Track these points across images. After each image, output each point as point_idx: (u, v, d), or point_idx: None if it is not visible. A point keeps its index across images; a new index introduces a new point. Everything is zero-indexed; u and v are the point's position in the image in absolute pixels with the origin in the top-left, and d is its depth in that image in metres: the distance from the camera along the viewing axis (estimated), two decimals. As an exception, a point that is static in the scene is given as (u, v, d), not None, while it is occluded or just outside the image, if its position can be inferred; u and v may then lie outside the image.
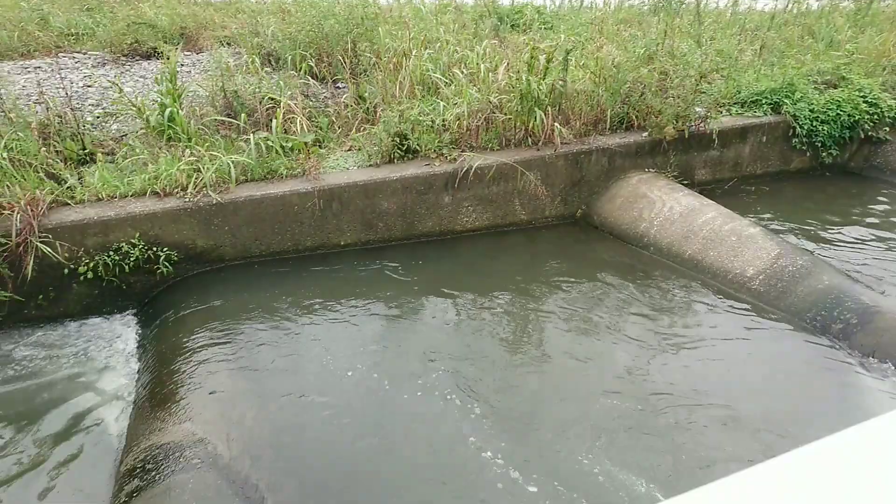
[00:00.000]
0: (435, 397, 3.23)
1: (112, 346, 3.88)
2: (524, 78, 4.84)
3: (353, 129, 5.28)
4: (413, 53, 5.54)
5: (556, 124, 4.93)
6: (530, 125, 4.98)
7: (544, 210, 5.15)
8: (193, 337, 3.68)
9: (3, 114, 4.60)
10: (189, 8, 7.69)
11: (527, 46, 5.10)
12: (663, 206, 4.84)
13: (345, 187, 4.55)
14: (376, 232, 4.75)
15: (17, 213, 3.79)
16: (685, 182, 5.40)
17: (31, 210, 3.84)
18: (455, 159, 4.82)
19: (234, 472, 2.73)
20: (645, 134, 5.35)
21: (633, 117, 5.43)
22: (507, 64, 5.22)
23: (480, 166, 4.76)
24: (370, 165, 4.83)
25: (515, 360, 3.51)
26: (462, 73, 5.32)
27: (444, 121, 4.96)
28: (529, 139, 5.05)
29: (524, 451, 2.89)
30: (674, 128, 5.28)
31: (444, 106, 5.03)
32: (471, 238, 4.93)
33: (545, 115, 4.93)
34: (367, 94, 5.50)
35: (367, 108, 5.45)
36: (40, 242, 3.80)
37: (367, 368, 3.45)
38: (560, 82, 4.95)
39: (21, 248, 3.81)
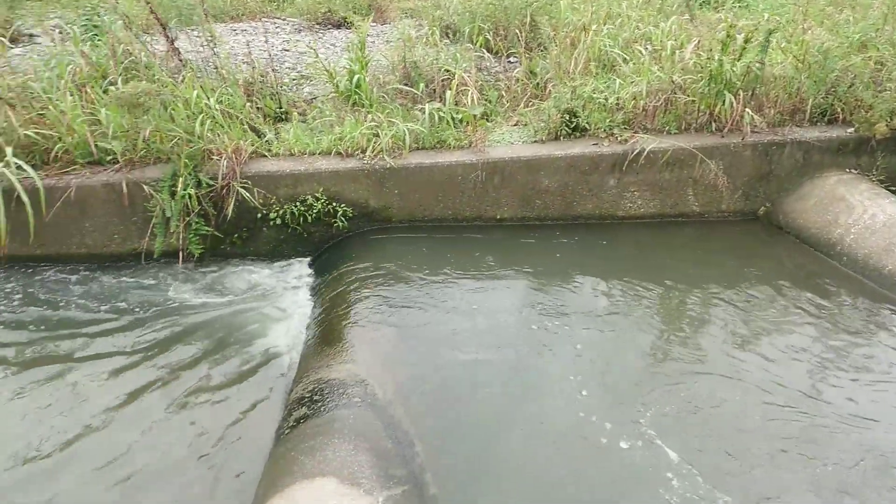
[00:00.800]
0: (573, 381, 3.19)
1: (290, 287, 4.31)
2: (716, 58, 4.49)
3: (522, 104, 5.27)
4: (593, 28, 5.36)
5: (746, 110, 4.53)
6: (717, 109, 4.62)
7: (720, 203, 4.79)
8: (360, 286, 3.96)
9: (216, 70, 5.21)
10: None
11: (722, 24, 4.72)
12: (864, 213, 4.28)
13: (508, 161, 4.58)
14: (533, 209, 4.74)
15: (225, 159, 4.30)
16: (893, 189, 4.71)
17: (236, 158, 4.34)
18: (626, 140, 4.63)
19: (388, 415, 2.92)
20: (850, 130, 4.73)
21: (839, 110, 4.82)
22: (698, 42, 4.86)
23: (654, 150, 4.52)
24: (535, 141, 4.80)
25: (666, 361, 3.35)
26: (644, 50, 5.06)
27: (618, 99, 4.78)
28: (713, 124, 4.70)
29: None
30: (887, 125, 4.61)
31: (619, 84, 4.84)
32: (633, 225, 4.74)
33: (735, 98, 4.54)
34: (538, 69, 5.45)
35: (538, 84, 5.40)
36: (241, 187, 4.29)
37: (510, 336, 3.49)
38: (757, 64, 4.52)
39: (224, 190, 4.33)
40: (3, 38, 5.46)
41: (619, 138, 4.66)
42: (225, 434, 3.07)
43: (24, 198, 4.07)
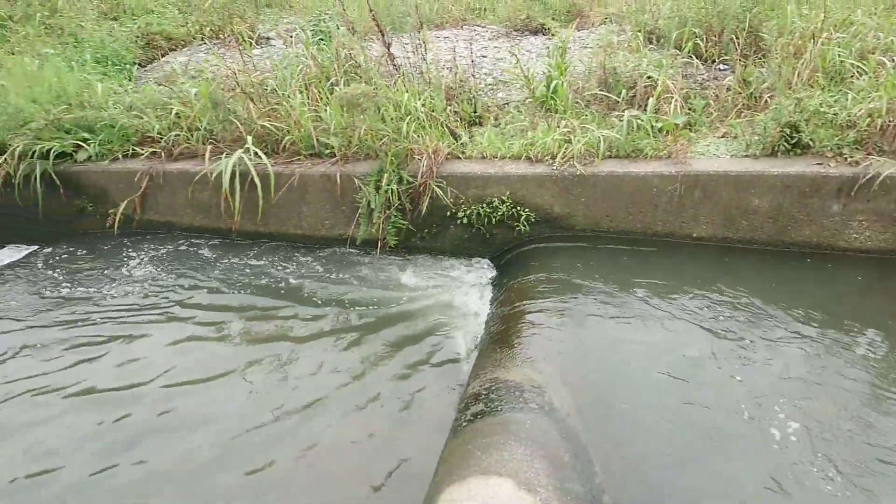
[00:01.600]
0: (770, 432, 2.87)
1: (471, 284, 4.46)
2: None
3: (732, 115, 4.88)
4: (822, 36, 4.79)
5: None
6: (983, 133, 3.88)
7: (975, 243, 4.02)
8: (538, 292, 3.97)
9: (421, 75, 5.54)
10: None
11: None
12: None
13: (712, 176, 4.26)
14: (737, 230, 4.36)
15: (425, 158, 4.56)
16: None
17: (434, 158, 4.58)
18: (857, 162, 4.07)
19: (565, 426, 2.90)
20: None
21: None
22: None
23: (892, 175, 3.92)
24: (746, 156, 4.41)
25: (881, 431, 2.88)
26: (889, 62, 4.40)
27: (850, 115, 4.21)
28: (976, 150, 3.95)
29: None
30: None
31: (852, 98, 4.27)
32: (856, 260, 4.16)
33: None
34: (753, 78, 5.00)
35: (752, 94, 4.95)
36: (436, 186, 4.53)
37: (700, 368, 3.25)
38: None
39: (421, 188, 4.60)
40: (250, 40, 6.33)
41: (849, 159, 4.11)
42: (405, 415, 3.27)
43: (257, 181, 4.70)
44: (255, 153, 4.77)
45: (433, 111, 5.04)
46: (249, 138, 4.83)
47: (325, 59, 5.56)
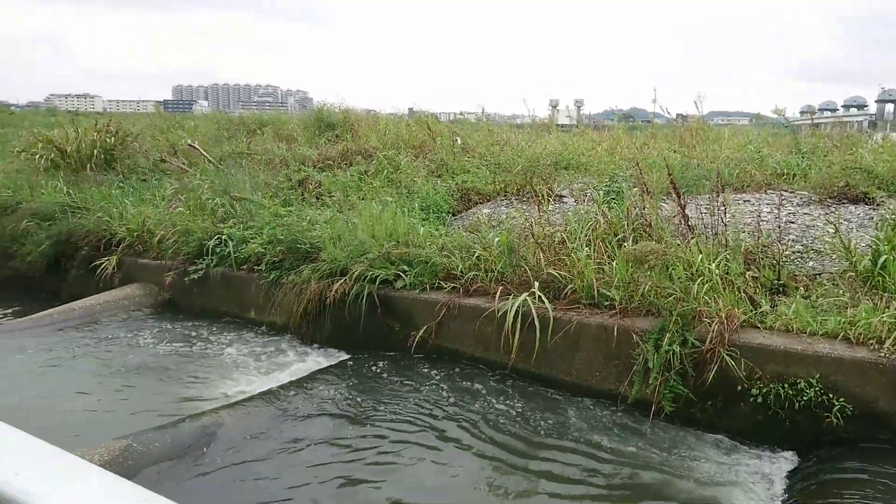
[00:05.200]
0: None
1: (755, 478, 3.82)
2: None
3: None
4: None
5: None
6: None
7: None
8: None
9: (716, 236, 5.33)
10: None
11: None
12: None
13: None
14: None
15: (716, 323, 4.27)
16: None
17: (726, 323, 4.25)
18: None
19: None
20: None
21: None
22: None
23: None
24: None
25: None
26: None
27: None
28: None
29: None
30: None
31: None
32: None
33: None
34: None
35: None
36: (727, 355, 4.16)
37: None
38: None
39: (709, 354, 4.26)
40: (549, 198, 6.97)
41: None
42: None
43: (536, 323, 4.93)
44: (539, 297, 5.05)
45: (728, 274, 4.77)
46: (536, 283, 5.17)
47: (614, 216, 5.79)
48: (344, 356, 5.98)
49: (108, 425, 4.62)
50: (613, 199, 6.63)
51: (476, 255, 5.73)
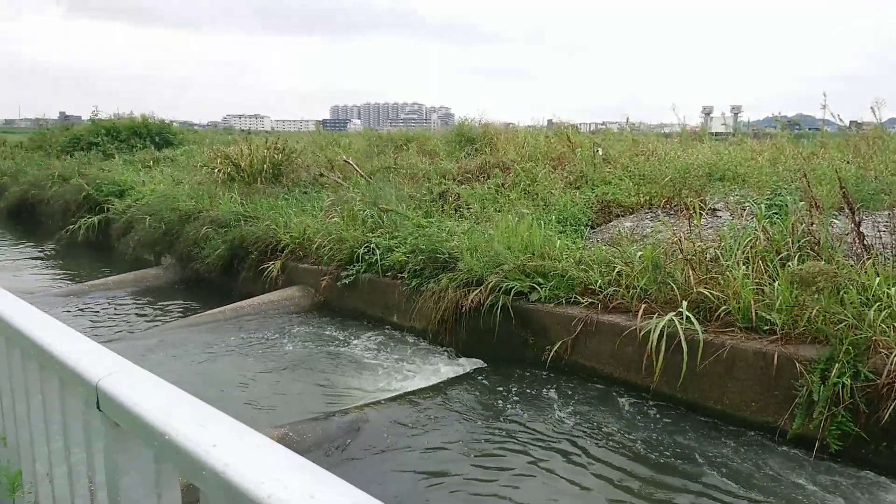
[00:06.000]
0: None
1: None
2: None
3: None
4: None
5: None
6: None
7: None
8: None
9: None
10: None
11: None
12: None
13: None
14: None
15: (895, 355, 3.75)
16: None
17: (912, 358, 3.72)
18: None
19: None
20: None
21: None
22: None
23: None
24: None
25: None
26: None
27: None
28: None
29: None
30: None
31: None
32: None
33: None
34: None
35: None
36: (911, 392, 3.63)
37: None
38: None
39: (885, 389, 3.75)
40: (700, 210, 6.56)
41: None
42: None
43: (684, 346, 4.65)
44: (687, 318, 4.77)
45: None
46: (684, 303, 4.89)
47: (777, 233, 5.30)
48: (479, 364, 6.07)
49: (266, 414, 5.13)
50: (776, 213, 6.08)
51: (616, 269, 5.55)
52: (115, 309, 8.43)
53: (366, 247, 7.57)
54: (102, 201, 12.21)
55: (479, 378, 5.72)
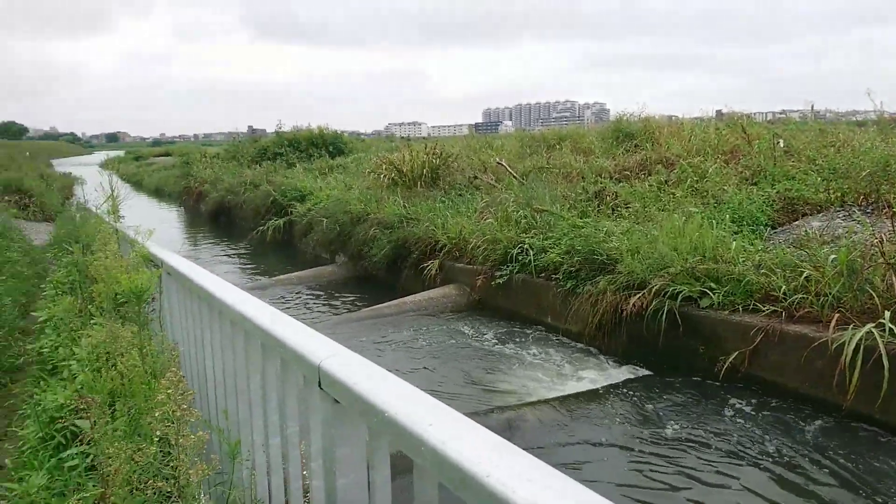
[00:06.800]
0: None
1: None
2: None
3: None
4: None
5: None
6: None
7: None
8: None
9: None
10: None
11: None
12: None
13: None
14: None
15: None
16: None
17: None
18: None
19: None
20: None
21: None
22: None
23: None
24: None
25: None
26: None
27: None
28: None
29: None
30: None
31: None
32: None
33: None
34: None
35: None
36: None
37: None
38: None
39: None
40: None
41: None
42: None
43: (885, 361, 4.09)
44: (890, 330, 4.18)
45: None
46: (886, 313, 4.29)
47: None
48: (642, 372, 5.84)
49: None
50: None
51: (804, 275, 5.02)
52: (298, 301, 9.40)
53: (519, 247, 7.64)
54: (286, 205, 13.68)
55: (642, 385, 5.51)
